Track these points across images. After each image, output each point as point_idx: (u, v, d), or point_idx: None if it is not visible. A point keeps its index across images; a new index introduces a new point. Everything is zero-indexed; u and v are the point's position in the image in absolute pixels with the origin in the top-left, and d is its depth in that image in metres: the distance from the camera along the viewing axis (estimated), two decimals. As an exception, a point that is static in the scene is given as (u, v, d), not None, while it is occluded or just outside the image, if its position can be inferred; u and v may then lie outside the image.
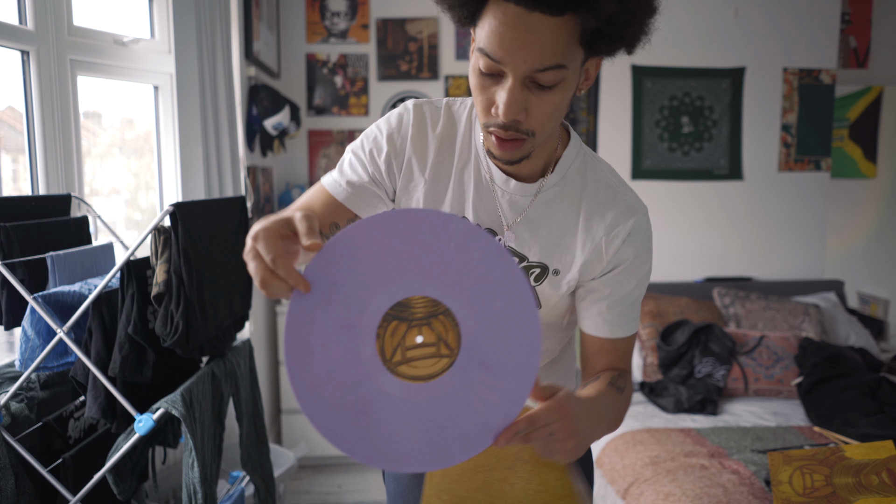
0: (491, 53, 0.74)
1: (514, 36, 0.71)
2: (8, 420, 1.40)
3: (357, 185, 0.92)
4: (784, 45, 3.27)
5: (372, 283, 0.64)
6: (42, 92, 1.72)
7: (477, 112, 0.82)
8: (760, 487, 1.81)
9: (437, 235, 0.64)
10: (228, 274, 1.69)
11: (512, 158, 0.82)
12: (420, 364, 0.65)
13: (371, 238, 0.64)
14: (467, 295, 0.65)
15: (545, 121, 0.79)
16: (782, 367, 2.63)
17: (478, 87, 0.78)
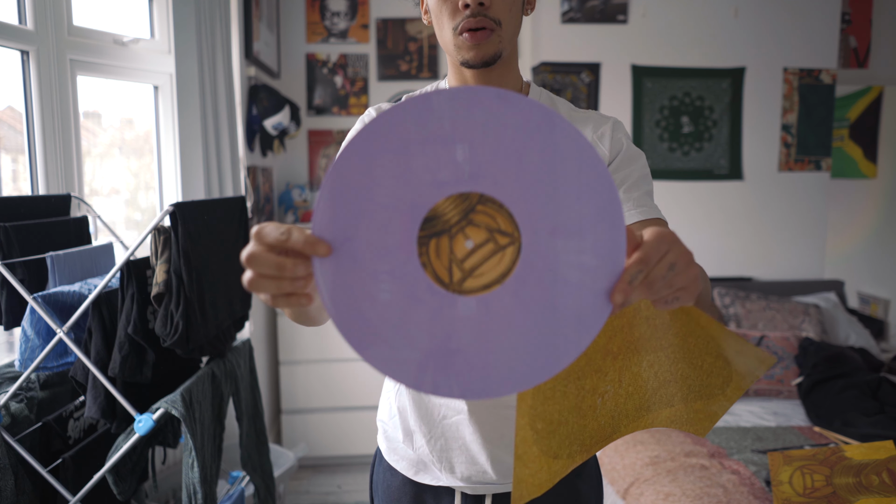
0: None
1: None
2: (8, 420, 1.40)
3: None
4: (784, 44, 3.27)
5: (385, 215, 0.54)
6: (42, 92, 1.72)
7: (444, 29, 0.88)
8: (761, 487, 1.81)
9: (424, 125, 0.53)
10: (228, 274, 1.69)
11: (486, 53, 0.87)
12: (485, 269, 0.54)
13: (359, 168, 0.54)
14: (493, 166, 0.54)
15: (506, 9, 0.87)
16: (782, 367, 2.63)
17: (443, 3, 0.87)
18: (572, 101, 3.25)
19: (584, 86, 3.24)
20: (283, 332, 2.99)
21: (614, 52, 3.21)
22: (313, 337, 2.99)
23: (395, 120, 0.53)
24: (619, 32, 3.20)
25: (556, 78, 3.21)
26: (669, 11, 3.18)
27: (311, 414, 3.02)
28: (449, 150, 0.54)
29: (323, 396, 3.01)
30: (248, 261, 0.53)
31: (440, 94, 0.53)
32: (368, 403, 3.03)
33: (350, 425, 3.02)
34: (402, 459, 1.00)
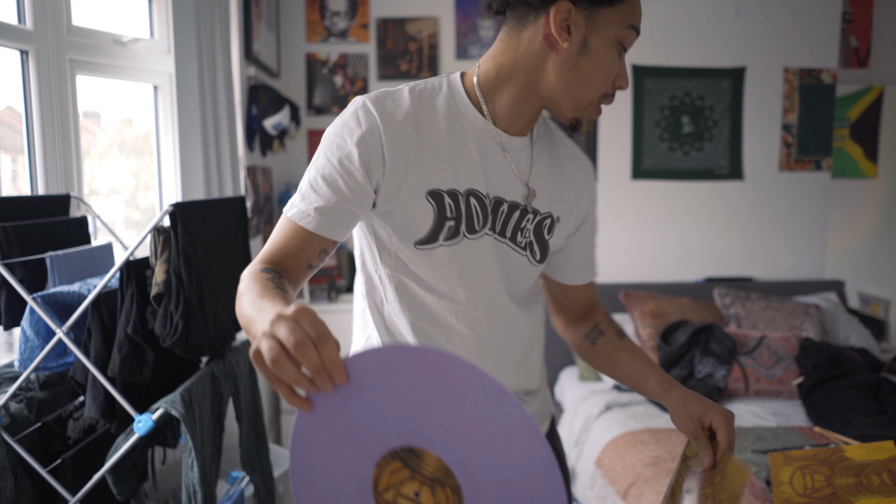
0: (638, 28, 0.86)
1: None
2: (7, 420, 1.40)
3: (327, 209, 0.85)
4: (784, 44, 3.27)
5: (395, 415, 0.58)
6: (41, 92, 1.72)
7: (596, 84, 0.87)
8: (761, 488, 1.81)
9: (483, 406, 0.56)
10: (228, 274, 1.69)
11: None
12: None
13: (416, 368, 0.57)
14: (489, 490, 0.58)
15: None
16: (783, 368, 2.63)
17: (613, 62, 0.87)
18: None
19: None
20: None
21: (614, 51, 3.21)
22: (313, 337, 2.99)
23: (465, 374, 0.56)
24: (619, 32, 3.19)
25: (557, 78, 3.21)
26: (669, 11, 3.18)
27: (311, 414, 3.01)
28: (471, 438, 0.58)
29: (323, 396, 3.01)
30: (296, 347, 0.55)
31: (510, 404, 0.56)
32: (368, 403, 3.02)
33: (350, 425, 3.02)
34: None
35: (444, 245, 0.90)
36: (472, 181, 0.89)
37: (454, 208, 0.89)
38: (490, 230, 0.92)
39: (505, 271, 0.95)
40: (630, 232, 3.29)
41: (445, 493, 0.60)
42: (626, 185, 3.29)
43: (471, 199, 0.89)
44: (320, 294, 3.10)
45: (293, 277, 0.85)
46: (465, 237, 0.90)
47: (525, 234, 0.95)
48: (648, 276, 3.30)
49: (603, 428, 2.43)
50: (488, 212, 0.91)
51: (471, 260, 0.92)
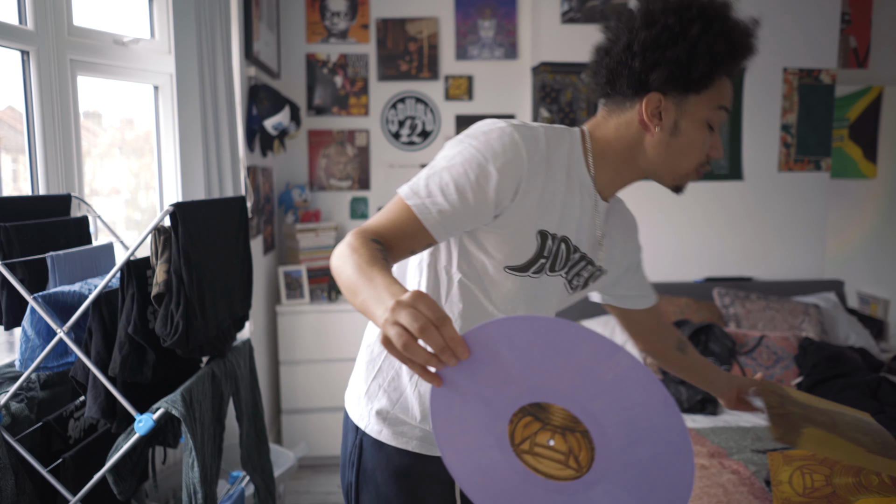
0: (729, 108, 0.99)
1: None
2: (8, 420, 1.40)
3: (449, 215, 0.90)
4: (784, 45, 3.27)
5: (517, 376, 0.66)
6: (42, 92, 1.72)
7: (691, 157, 0.99)
8: (760, 487, 1.81)
9: (597, 360, 0.63)
10: (228, 274, 1.69)
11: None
12: (545, 462, 0.68)
13: (529, 335, 0.64)
14: (616, 431, 0.65)
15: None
16: (782, 367, 2.63)
17: (704, 140, 0.98)
18: (572, 101, 3.25)
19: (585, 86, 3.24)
20: (283, 332, 2.99)
21: (614, 52, 3.21)
22: (313, 337, 2.99)
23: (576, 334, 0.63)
24: (618, 32, 3.19)
25: (556, 78, 3.21)
26: (669, 11, 3.18)
27: (311, 414, 3.02)
28: (593, 388, 0.64)
29: (323, 396, 3.01)
30: (421, 331, 0.62)
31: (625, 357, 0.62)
32: (368, 403, 3.02)
33: (350, 425, 3.02)
34: (414, 440, 1.04)
35: (531, 277, 1.01)
36: (569, 230, 1.01)
37: (551, 249, 1.00)
38: (564, 273, 1.05)
39: (558, 302, 1.10)
40: (630, 232, 3.29)
41: (576, 437, 0.66)
42: (626, 185, 3.29)
43: (562, 244, 1.01)
44: (320, 294, 3.10)
45: (395, 256, 0.90)
46: (546, 274, 1.02)
47: (579, 279, 1.09)
48: (648, 275, 3.30)
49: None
50: (570, 258, 1.03)
51: (542, 292, 1.04)
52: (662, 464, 0.65)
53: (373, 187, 3.39)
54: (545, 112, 3.19)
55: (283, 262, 3.28)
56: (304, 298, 3.03)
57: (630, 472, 0.66)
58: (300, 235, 3.10)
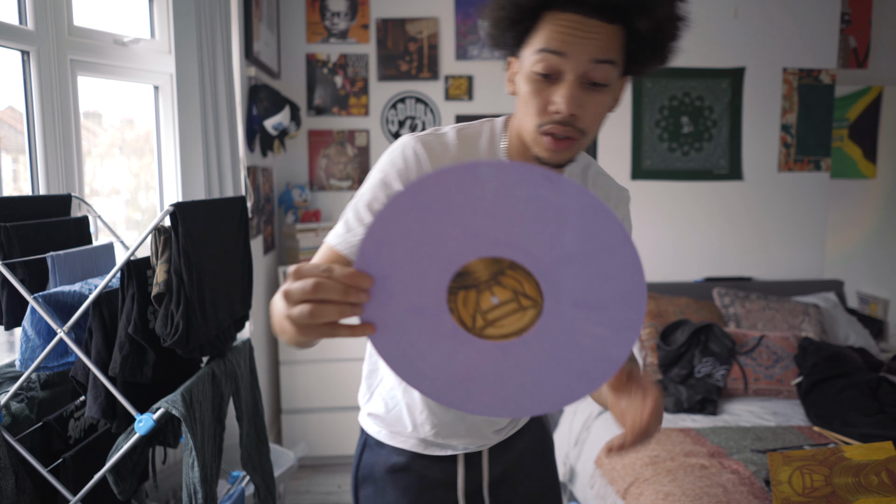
0: (556, 48, 0.80)
1: (576, 33, 0.80)
2: (8, 420, 1.40)
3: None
4: (784, 45, 3.27)
5: (422, 264, 0.60)
6: (42, 92, 1.72)
7: (528, 117, 0.85)
8: (760, 487, 1.81)
9: (468, 190, 0.58)
10: (228, 274, 1.69)
11: (561, 160, 0.87)
12: (505, 322, 0.62)
13: (403, 220, 0.59)
14: (529, 239, 0.59)
15: (595, 121, 0.85)
16: (782, 367, 2.64)
17: (533, 92, 0.84)
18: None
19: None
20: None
21: (614, 52, 3.21)
22: (313, 337, 2.99)
23: (442, 182, 0.59)
24: (618, 32, 3.20)
25: (556, 78, 3.21)
26: (669, 11, 3.18)
27: (311, 414, 3.02)
28: (488, 219, 0.59)
29: (323, 396, 3.01)
30: (315, 289, 0.58)
31: (489, 168, 0.58)
32: (368, 403, 3.02)
33: (350, 425, 3.02)
34: (410, 439, 1.07)
35: None
36: None
37: None
38: None
39: None
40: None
41: (509, 275, 0.61)
42: (626, 185, 3.29)
43: None
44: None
45: None
46: None
47: None
48: (648, 275, 3.30)
49: (602, 427, 2.43)
50: None
51: None
52: (590, 235, 0.59)
53: (373, 187, 3.39)
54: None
55: (283, 262, 3.28)
56: (304, 298, 3.03)
57: (572, 263, 0.59)
58: (300, 235, 3.10)
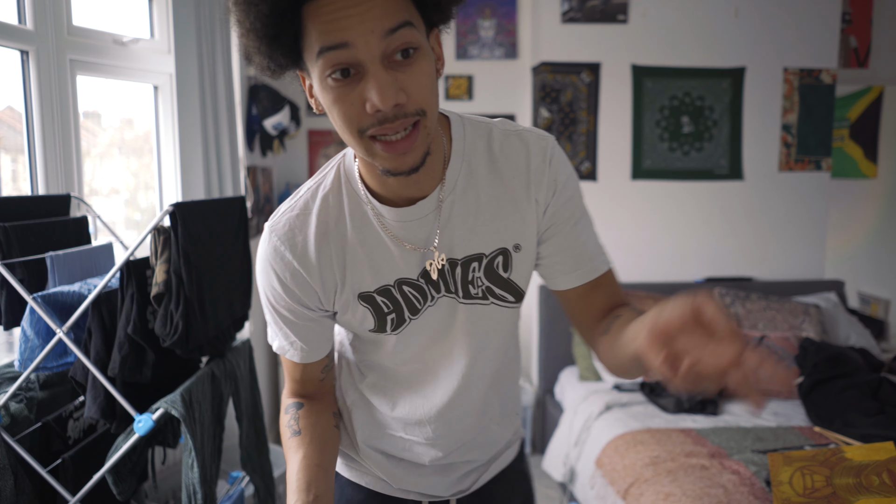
0: (335, 41, 0.65)
1: (349, 13, 0.64)
2: (7, 420, 1.40)
3: (299, 341, 0.88)
4: (784, 44, 3.27)
5: None
6: (41, 92, 1.72)
7: (347, 131, 0.70)
8: (761, 488, 1.81)
9: None
10: (228, 274, 1.69)
11: (414, 160, 0.71)
12: None
13: None
14: None
15: (427, 93, 0.69)
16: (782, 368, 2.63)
17: (338, 101, 0.68)
18: (572, 101, 3.24)
19: (584, 86, 3.24)
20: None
21: (614, 51, 3.21)
22: (313, 337, 2.99)
23: None
24: (619, 32, 3.19)
25: (556, 78, 3.21)
26: (669, 11, 3.18)
27: (311, 414, 3.01)
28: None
29: (323, 396, 3.01)
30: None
31: None
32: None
33: (350, 425, 3.02)
34: (367, 475, 1.00)
35: (394, 334, 0.87)
36: (396, 272, 0.83)
37: (389, 303, 0.84)
38: (432, 302, 0.85)
39: (467, 328, 0.87)
40: (630, 232, 3.29)
41: None
42: (626, 185, 3.29)
43: (403, 287, 0.84)
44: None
45: (315, 390, 0.94)
46: (410, 320, 0.86)
47: (477, 284, 0.85)
48: (648, 276, 3.30)
49: (603, 428, 2.43)
50: (424, 289, 0.84)
51: (421, 334, 0.87)
52: None
53: (373, 187, 3.39)
54: (545, 112, 3.19)
55: (283, 262, 3.28)
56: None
57: None
58: (300, 235, 3.09)
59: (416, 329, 0.86)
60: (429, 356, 0.90)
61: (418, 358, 0.90)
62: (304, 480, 0.83)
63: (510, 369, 0.99)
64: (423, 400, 0.92)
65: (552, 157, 0.83)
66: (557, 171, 0.83)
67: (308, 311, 0.86)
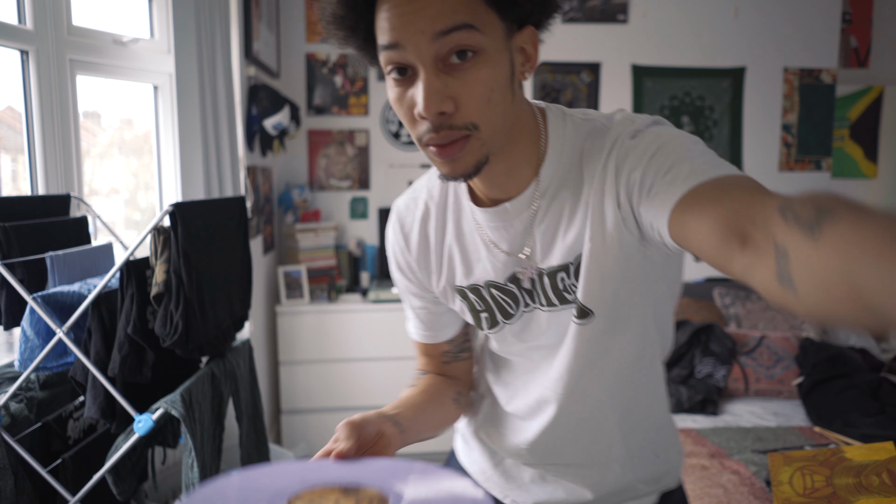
0: (388, 41, 0.64)
1: (404, 12, 0.62)
2: (7, 420, 1.40)
3: (422, 324, 0.92)
4: (784, 44, 3.27)
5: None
6: (41, 92, 1.72)
7: (410, 133, 0.69)
8: (761, 488, 1.81)
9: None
10: (228, 274, 1.69)
11: (466, 167, 0.66)
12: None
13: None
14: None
15: (482, 105, 0.64)
16: (783, 368, 2.63)
17: (396, 100, 0.67)
18: (572, 100, 3.24)
19: (585, 85, 3.24)
20: (283, 332, 2.98)
21: (614, 51, 3.21)
22: (313, 337, 2.99)
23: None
24: (619, 32, 3.19)
25: (557, 77, 3.21)
26: (669, 11, 3.18)
27: (311, 414, 3.02)
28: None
29: (323, 396, 3.01)
30: None
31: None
32: (368, 403, 3.02)
33: (350, 425, 3.02)
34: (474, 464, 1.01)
35: (491, 332, 0.86)
36: (486, 274, 0.81)
37: (480, 302, 0.83)
38: (527, 309, 0.81)
39: (570, 344, 0.79)
40: (630, 232, 3.29)
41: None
42: (626, 185, 3.29)
43: (493, 290, 0.82)
44: (320, 294, 3.10)
45: (438, 370, 0.96)
46: (504, 324, 0.83)
47: (571, 290, 0.76)
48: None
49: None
50: (517, 295, 0.80)
51: (518, 340, 0.84)
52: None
53: (373, 187, 3.39)
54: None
55: (282, 262, 3.28)
56: (304, 298, 3.03)
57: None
58: (300, 235, 3.09)
59: (513, 332, 0.84)
60: (532, 363, 0.86)
61: (523, 358, 0.88)
62: (393, 404, 0.82)
63: (643, 406, 0.88)
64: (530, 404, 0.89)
65: (614, 144, 0.70)
66: (619, 154, 0.69)
67: (418, 289, 0.89)
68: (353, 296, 3.16)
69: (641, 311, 0.79)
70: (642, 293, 0.77)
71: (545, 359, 0.84)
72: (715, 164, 0.61)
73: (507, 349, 0.87)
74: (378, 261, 3.34)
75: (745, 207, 0.51)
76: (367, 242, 3.41)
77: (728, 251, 0.51)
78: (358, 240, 3.39)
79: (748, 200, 0.52)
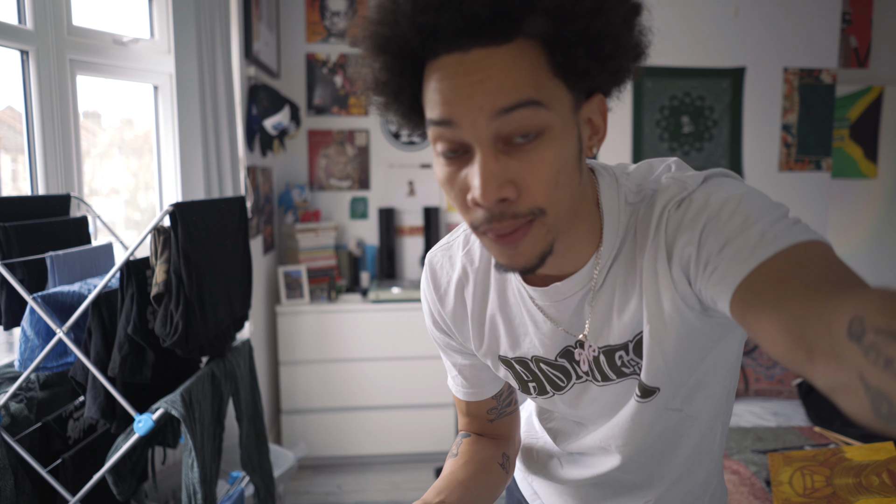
0: (440, 116, 0.56)
1: (459, 84, 0.54)
2: (7, 420, 1.40)
3: (464, 380, 0.87)
4: (784, 44, 3.27)
5: None
6: (41, 92, 1.72)
7: (462, 217, 0.61)
8: (761, 488, 1.81)
9: None
10: (228, 274, 1.69)
11: (529, 262, 0.60)
12: None
13: None
14: None
15: (548, 188, 0.57)
16: (783, 367, 2.63)
17: (447, 181, 0.59)
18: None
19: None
20: (283, 332, 2.98)
21: (614, 51, 3.21)
22: (313, 337, 2.99)
23: None
24: (619, 32, 3.19)
25: (557, 78, 3.21)
26: (669, 11, 3.18)
27: (311, 414, 3.02)
28: None
29: (323, 396, 3.01)
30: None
31: None
32: (368, 404, 3.02)
33: (350, 425, 3.02)
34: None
35: (541, 398, 0.81)
36: (533, 349, 0.76)
37: (527, 373, 0.79)
38: (579, 381, 0.77)
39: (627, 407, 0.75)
40: (630, 232, 3.29)
41: None
42: (626, 185, 3.29)
43: (541, 364, 0.77)
44: (320, 294, 3.10)
45: (482, 430, 0.92)
46: (554, 394, 0.79)
47: (630, 365, 0.72)
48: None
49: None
50: (568, 370, 0.76)
51: (569, 409, 0.81)
52: None
53: (373, 187, 3.39)
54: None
55: (282, 262, 3.28)
56: (304, 298, 3.03)
57: None
58: (300, 235, 3.09)
59: (564, 400, 0.80)
60: (582, 430, 0.84)
61: (575, 418, 0.84)
62: (437, 488, 0.79)
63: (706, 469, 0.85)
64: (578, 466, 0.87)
65: (661, 216, 0.65)
66: (669, 229, 0.64)
67: (457, 345, 0.85)
68: (353, 296, 3.16)
69: (711, 369, 0.75)
70: (711, 354, 0.72)
71: (601, 417, 0.80)
72: (771, 231, 0.56)
73: (558, 409, 0.84)
74: (378, 261, 3.35)
75: (808, 316, 0.45)
76: (367, 242, 3.42)
77: (799, 364, 0.47)
78: (358, 240, 3.40)
79: (811, 306, 0.46)
